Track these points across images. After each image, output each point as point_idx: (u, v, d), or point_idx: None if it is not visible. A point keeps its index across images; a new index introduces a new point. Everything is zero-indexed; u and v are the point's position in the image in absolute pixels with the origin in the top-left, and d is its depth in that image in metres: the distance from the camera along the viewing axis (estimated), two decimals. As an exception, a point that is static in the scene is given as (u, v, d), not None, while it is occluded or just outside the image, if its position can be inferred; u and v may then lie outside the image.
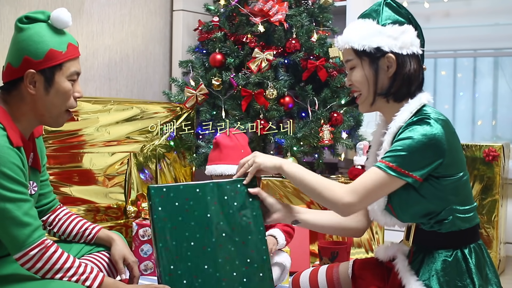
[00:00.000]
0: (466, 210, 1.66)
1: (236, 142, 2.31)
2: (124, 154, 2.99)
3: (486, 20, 3.47)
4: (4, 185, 1.60)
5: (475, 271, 1.63)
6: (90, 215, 2.85)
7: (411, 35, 1.75)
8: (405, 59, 1.72)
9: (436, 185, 1.62)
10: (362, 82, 1.75)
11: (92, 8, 3.24)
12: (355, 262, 1.90)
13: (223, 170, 2.25)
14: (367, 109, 1.79)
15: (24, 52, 1.71)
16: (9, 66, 1.74)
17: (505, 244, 3.10)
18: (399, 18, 1.75)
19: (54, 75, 1.72)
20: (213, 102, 3.26)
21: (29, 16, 1.75)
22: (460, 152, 1.68)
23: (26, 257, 1.62)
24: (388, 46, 1.71)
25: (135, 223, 2.76)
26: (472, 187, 2.85)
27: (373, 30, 1.72)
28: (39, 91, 1.72)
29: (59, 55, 1.72)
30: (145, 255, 2.72)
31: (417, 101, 1.71)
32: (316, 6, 3.20)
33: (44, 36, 1.72)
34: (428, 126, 1.61)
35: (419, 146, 1.59)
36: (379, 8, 1.76)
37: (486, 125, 3.69)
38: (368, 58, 1.73)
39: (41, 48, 1.70)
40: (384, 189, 1.62)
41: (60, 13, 1.74)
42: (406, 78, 1.72)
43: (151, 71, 3.60)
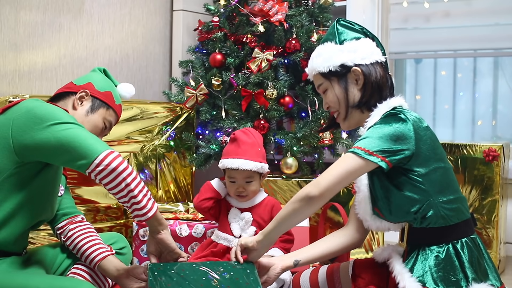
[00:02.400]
0: (449, 201, 1.69)
1: (253, 139, 2.33)
2: (124, 154, 2.99)
3: (486, 20, 3.47)
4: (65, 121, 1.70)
5: (468, 265, 1.65)
6: (90, 215, 2.85)
7: (370, 46, 1.83)
8: (369, 68, 1.80)
9: (411, 176, 1.67)
10: (336, 101, 1.83)
11: (92, 8, 3.24)
12: (355, 262, 1.91)
13: (240, 164, 2.26)
14: (349, 125, 1.87)
15: (91, 79, 2.01)
16: (72, 83, 2.01)
17: (505, 244, 3.10)
18: (355, 34, 1.84)
19: (99, 108, 1.98)
20: (213, 102, 3.26)
21: (107, 72, 2.11)
22: (435, 146, 1.72)
23: (104, 162, 1.64)
24: (351, 60, 1.80)
25: (135, 223, 2.76)
26: (472, 187, 2.85)
27: (333, 50, 1.82)
28: (82, 110, 1.95)
29: (112, 101, 2.02)
30: (145, 255, 2.72)
31: (386, 105, 1.77)
32: (316, 6, 3.20)
33: (110, 85, 2.05)
34: (396, 118, 1.68)
35: (386, 133, 1.65)
36: (334, 30, 1.85)
37: (486, 125, 3.69)
38: (335, 77, 1.82)
39: (106, 86, 2.02)
40: (352, 173, 1.65)
41: (124, 87, 2.12)
42: (376, 86, 1.80)
43: (151, 71, 3.60)
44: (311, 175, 3.10)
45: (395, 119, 1.68)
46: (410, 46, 3.71)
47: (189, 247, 2.74)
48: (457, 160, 2.87)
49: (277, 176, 3.03)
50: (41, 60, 2.99)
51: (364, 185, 1.80)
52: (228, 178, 2.33)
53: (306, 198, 1.66)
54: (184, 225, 2.75)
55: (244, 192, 2.31)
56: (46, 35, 3.01)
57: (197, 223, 2.77)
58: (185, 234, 2.73)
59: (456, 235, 1.70)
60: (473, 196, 2.85)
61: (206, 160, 3.19)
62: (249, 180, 2.30)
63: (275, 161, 3.18)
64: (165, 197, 3.14)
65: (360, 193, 1.82)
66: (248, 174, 2.29)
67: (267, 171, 2.37)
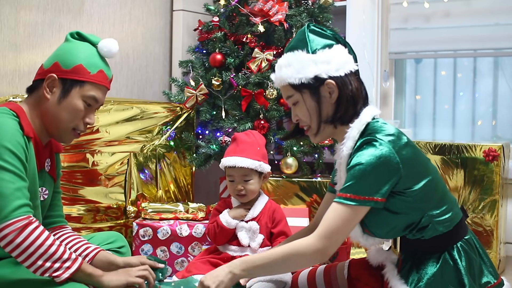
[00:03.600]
0: (443, 212, 1.65)
1: (253, 139, 2.35)
2: (124, 154, 2.99)
3: (486, 20, 3.47)
4: (3, 157, 1.60)
5: (464, 272, 1.63)
6: (90, 215, 2.85)
7: (343, 54, 1.72)
8: (344, 80, 1.69)
9: (405, 198, 1.61)
10: (308, 115, 1.72)
11: (92, 8, 3.24)
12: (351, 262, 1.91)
13: (237, 161, 2.28)
14: (320, 139, 1.76)
15: (57, 58, 1.78)
16: (41, 67, 1.82)
17: (505, 244, 3.10)
18: (327, 41, 1.72)
19: (71, 89, 1.76)
20: (213, 102, 3.26)
21: (81, 34, 1.83)
22: (419, 160, 1.66)
23: (7, 229, 1.56)
24: (324, 72, 1.68)
25: (135, 223, 2.76)
26: (472, 187, 2.85)
27: (305, 60, 1.69)
28: (53, 98, 1.76)
29: (85, 73, 1.77)
30: (145, 255, 2.72)
31: (358, 124, 1.68)
32: (316, 6, 3.20)
33: (81, 52, 1.78)
34: (374, 148, 1.58)
35: (370, 169, 1.56)
36: (304, 36, 1.73)
37: (486, 125, 3.69)
38: (308, 90, 1.70)
39: (73, 60, 1.77)
40: (351, 222, 1.59)
41: (107, 42, 1.83)
42: (350, 99, 1.69)
43: (151, 71, 3.60)
44: (311, 175, 3.10)
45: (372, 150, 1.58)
46: (410, 46, 3.71)
47: (189, 247, 2.75)
48: (457, 160, 2.87)
49: (277, 176, 3.03)
50: (41, 60, 2.98)
51: None
52: (228, 177, 2.35)
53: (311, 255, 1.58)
54: (184, 225, 2.75)
55: (243, 191, 2.31)
56: (46, 35, 3.01)
57: (197, 223, 2.77)
58: (185, 234, 2.74)
59: (451, 241, 1.67)
60: (473, 196, 2.85)
61: (206, 160, 3.19)
62: (247, 179, 2.30)
63: (275, 161, 3.18)
64: (165, 197, 3.14)
65: None
66: (245, 172, 2.29)
67: (269, 172, 2.37)
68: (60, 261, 1.63)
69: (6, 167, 1.60)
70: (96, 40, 1.83)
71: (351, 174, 1.59)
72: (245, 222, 2.32)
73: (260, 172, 2.34)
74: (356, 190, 1.57)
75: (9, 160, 1.60)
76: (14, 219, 1.57)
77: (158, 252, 2.74)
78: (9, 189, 1.58)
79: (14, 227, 1.57)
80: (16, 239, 1.57)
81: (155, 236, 2.74)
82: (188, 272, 2.24)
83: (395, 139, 1.61)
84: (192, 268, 2.26)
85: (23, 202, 1.61)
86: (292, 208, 2.93)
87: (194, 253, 2.72)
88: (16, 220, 1.58)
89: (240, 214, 2.33)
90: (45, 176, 1.85)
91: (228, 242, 2.34)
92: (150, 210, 2.82)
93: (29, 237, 1.59)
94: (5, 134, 1.62)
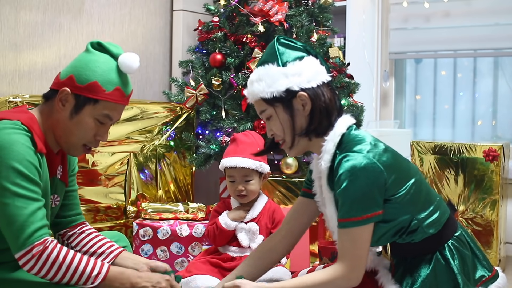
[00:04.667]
0: (431, 212, 1.65)
1: (252, 139, 2.35)
2: (124, 154, 2.99)
3: (486, 20, 3.47)
4: (14, 181, 1.57)
5: (457, 271, 1.63)
6: (90, 215, 2.85)
7: (314, 66, 1.70)
8: (317, 92, 1.67)
9: (393, 205, 1.61)
10: (281, 129, 1.70)
11: (92, 8, 3.24)
12: None
13: (238, 162, 2.28)
14: (296, 152, 1.75)
15: (73, 70, 1.71)
16: (58, 76, 1.75)
17: (505, 244, 3.10)
18: (298, 53, 1.70)
19: (84, 106, 1.70)
20: (213, 102, 3.25)
21: (102, 44, 1.75)
22: (400, 163, 1.66)
23: (25, 257, 1.58)
24: (296, 85, 1.66)
25: (135, 223, 2.76)
26: (472, 187, 2.85)
27: (276, 74, 1.67)
28: (65, 112, 1.71)
29: (100, 91, 1.69)
30: (145, 255, 2.72)
31: (333, 136, 1.66)
32: (316, 6, 3.20)
33: (98, 67, 1.71)
34: (355, 164, 1.57)
35: (360, 187, 1.56)
36: (274, 50, 1.71)
37: (486, 125, 3.69)
38: (280, 103, 1.68)
39: (88, 75, 1.69)
40: (365, 240, 1.60)
41: (128, 57, 1.74)
42: (324, 111, 1.68)
43: (151, 71, 3.60)
44: (311, 175, 3.10)
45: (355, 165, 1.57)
46: (410, 46, 3.71)
47: (189, 247, 2.75)
48: (457, 160, 2.87)
49: (277, 176, 3.03)
50: (41, 60, 2.99)
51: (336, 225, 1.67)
52: (228, 177, 2.34)
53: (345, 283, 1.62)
54: (184, 225, 2.75)
55: (243, 191, 2.31)
56: (46, 35, 3.01)
57: (197, 223, 2.77)
58: (185, 234, 2.74)
59: (441, 241, 1.66)
60: (473, 196, 2.85)
61: (206, 160, 3.19)
62: (248, 179, 2.30)
63: (275, 161, 3.18)
64: (165, 197, 3.14)
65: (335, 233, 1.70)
66: (246, 172, 2.29)
67: (268, 172, 2.37)
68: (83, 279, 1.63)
69: (18, 192, 1.57)
70: (117, 52, 1.75)
71: (344, 197, 1.59)
72: (245, 223, 2.32)
73: (260, 173, 2.34)
74: (356, 212, 1.58)
75: (20, 183, 1.57)
76: (30, 246, 1.57)
77: (158, 252, 2.74)
78: (22, 216, 1.57)
79: (30, 254, 1.57)
80: (36, 265, 1.58)
81: (155, 236, 2.74)
82: (188, 272, 2.24)
83: (372, 147, 1.61)
84: (192, 268, 2.26)
85: (38, 226, 1.59)
86: (292, 208, 2.92)
87: (194, 253, 2.72)
88: (32, 247, 1.57)
89: (239, 215, 2.33)
90: (57, 183, 1.82)
91: (228, 243, 2.34)
92: (150, 210, 2.82)
93: (47, 261, 1.59)
94: (16, 154, 1.58)
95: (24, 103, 2.58)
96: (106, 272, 1.65)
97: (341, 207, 1.61)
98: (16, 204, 1.57)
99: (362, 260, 1.61)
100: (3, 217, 1.57)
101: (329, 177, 1.65)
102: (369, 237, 1.61)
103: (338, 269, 1.62)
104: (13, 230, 1.57)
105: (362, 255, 1.61)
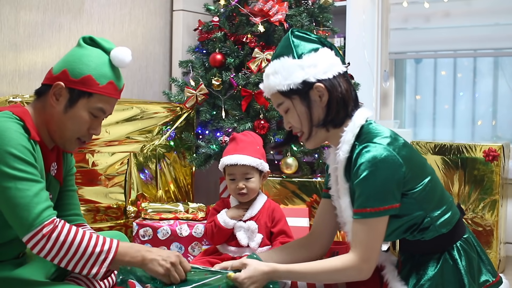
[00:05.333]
0: (443, 212, 1.66)
1: (252, 139, 2.36)
2: (124, 154, 2.99)
3: (486, 20, 3.47)
4: (13, 165, 1.57)
5: (464, 273, 1.63)
6: (90, 215, 2.85)
7: (329, 57, 1.71)
8: (333, 83, 1.68)
9: (408, 200, 1.61)
10: (299, 121, 1.71)
11: (92, 8, 3.24)
12: None
13: (238, 159, 2.28)
14: (314, 144, 1.75)
15: (66, 65, 1.73)
16: (50, 71, 1.77)
17: (505, 244, 3.10)
18: (313, 45, 1.71)
19: (78, 100, 1.72)
20: (213, 102, 3.26)
21: (94, 39, 1.77)
22: (417, 159, 1.66)
23: (35, 238, 1.56)
24: (312, 76, 1.67)
25: (135, 223, 2.77)
26: (472, 187, 2.85)
27: (292, 66, 1.68)
28: (59, 107, 1.72)
29: (94, 84, 1.71)
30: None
31: (352, 127, 1.67)
32: (316, 6, 3.20)
33: (91, 61, 1.72)
34: (375, 154, 1.57)
35: (378, 178, 1.56)
36: (289, 42, 1.71)
37: (486, 125, 3.69)
38: (297, 95, 1.69)
39: (82, 69, 1.71)
40: (380, 232, 1.60)
41: (120, 51, 1.76)
42: (341, 101, 1.68)
43: (151, 71, 3.60)
44: (311, 175, 3.10)
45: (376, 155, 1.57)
46: (410, 46, 3.71)
47: (189, 247, 2.75)
48: (457, 160, 2.87)
49: (277, 176, 3.03)
50: (41, 60, 2.99)
51: (349, 216, 1.68)
52: (228, 176, 2.34)
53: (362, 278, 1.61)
54: (184, 225, 2.75)
55: (244, 189, 2.31)
56: (46, 35, 3.01)
57: (197, 223, 2.77)
58: (185, 234, 2.74)
59: (451, 241, 1.67)
60: (473, 196, 2.85)
61: (206, 160, 3.19)
62: (248, 177, 2.30)
63: (275, 161, 3.18)
64: (165, 197, 3.14)
65: (347, 224, 1.71)
66: (246, 170, 2.29)
67: (268, 171, 2.37)
68: (94, 256, 1.61)
69: (18, 175, 1.57)
70: (109, 47, 1.77)
71: (362, 187, 1.58)
72: (243, 221, 2.32)
73: (260, 171, 2.34)
74: (373, 203, 1.57)
75: (18, 167, 1.57)
76: (39, 227, 1.56)
77: (158, 252, 2.74)
78: (27, 197, 1.56)
79: (40, 235, 1.56)
80: (46, 246, 1.57)
81: (155, 236, 2.74)
82: (188, 272, 2.24)
83: (392, 140, 1.61)
84: (192, 268, 2.26)
85: (44, 206, 1.58)
86: (292, 208, 2.93)
87: (194, 253, 2.72)
88: (41, 227, 1.57)
89: (238, 214, 2.33)
90: (51, 180, 1.82)
91: (226, 243, 2.34)
92: (150, 210, 2.82)
93: (57, 241, 1.57)
94: (9, 140, 1.59)
95: (24, 103, 2.58)
96: (116, 247, 1.64)
97: (358, 197, 1.60)
98: (18, 186, 1.56)
99: (375, 252, 1.61)
100: (5, 202, 1.57)
101: (346, 168, 1.66)
102: (384, 229, 1.60)
103: (350, 259, 1.61)
104: (19, 213, 1.56)
105: (376, 247, 1.60)
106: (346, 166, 1.66)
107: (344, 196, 1.69)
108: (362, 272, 1.61)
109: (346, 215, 1.69)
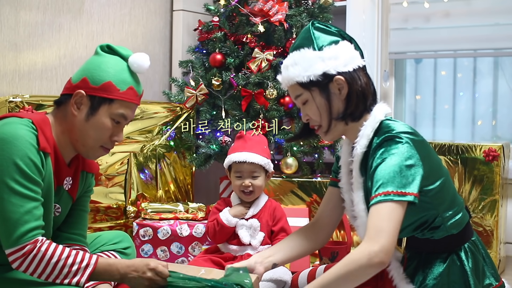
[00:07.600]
0: (455, 213, 1.65)
1: (258, 138, 2.39)
2: (124, 154, 2.99)
3: (486, 20, 3.47)
4: (14, 178, 1.57)
5: (470, 274, 1.62)
6: (90, 215, 2.85)
7: (350, 50, 1.70)
8: (353, 76, 1.67)
9: (422, 197, 1.58)
10: (318, 113, 1.69)
11: (92, 8, 3.24)
12: None
13: (247, 156, 2.29)
14: (332, 137, 1.73)
15: (86, 73, 1.74)
16: (69, 81, 1.77)
17: (505, 244, 3.10)
18: (333, 38, 1.70)
19: (100, 107, 1.72)
20: (213, 102, 3.26)
21: (111, 47, 1.78)
22: (434, 157, 1.65)
23: (15, 255, 1.57)
24: (333, 68, 1.66)
25: (135, 223, 2.77)
26: (472, 187, 2.85)
27: (312, 58, 1.67)
28: (81, 115, 1.73)
29: (114, 90, 1.72)
30: (145, 255, 2.73)
31: (372, 121, 1.65)
32: (316, 6, 3.20)
33: (111, 68, 1.73)
34: (398, 144, 1.56)
35: (401, 164, 1.53)
36: (310, 34, 1.70)
37: (486, 125, 3.69)
38: (317, 87, 1.67)
39: (102, 76, 1.72)
40: (397, 219, 1.51)
41: (139, 57, 1.77)
42: (360, 95, 1.67)
43: (151, 71, 3.60)
44: (311, 175, 3.10)
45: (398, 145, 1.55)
46: (410, 46, 3.71)
47: (189, 247, 2.75)
48: (457, 160, 2.87)
49: (277, 176, 3.03)
50: (41, 60, 2.99)
51: (361, 210, 1.65)
52: (235, 173, 2.34)
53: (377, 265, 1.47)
54: (184, 225, 2.75)
55: (250, 187, 2.31)
56: (46, 35, 3.01)
57: (198, 223, 2.77)
58: (185, 234, 2.74)
59: (460, 242, 1.66)
60: (473, 196, 2.85)
61: (206, 160, 3.19)
62: (255, 175, 2.31)
63: (275, 161, 3.18)
64: (165, 197, 3.14)
65: (359, 218, 1.67)
66: (254, 168, 2.30)
67: (272, 171, 2.39)
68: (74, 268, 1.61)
69: (15, 189, 1.57)
70: (126, 54, 1.78)
71: (383, 172, 1.54)
72: (246, 220, 2.33)
73: (266, 171, 2.35)
74: (393, 186, 1.52)
75: (19, 180, 1.57)
76: (21, 245, 1.57)
77: (158, 252, 2.74)
78: (17, 213, 1.57)
79: (21, 253, 1.57)
80: (23, 264, 1.58)
81: (155, 236, 2.74)
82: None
83: (412, 135, 1.60)
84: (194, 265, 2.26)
85: (32, 226, 1.58)
86: (292, 208, 2.93)
87: (194, 253, 2.72)
88: (23, 245, 1.57)
89: (240, 212, 2.33)
90: (62, 193, 1.81)
91: (228, 241, 2.34)
92: (150, 210, 2.82)
93: (34, 260, 1.58)
94: (18, 150, 1.58)
95: (24, 103, 2.58)
96: (95, 263, 1.64)
97: (376, 182, 1.55)
98: (12, 200, 1.57)
99: (392, 239, 1.50)
100: None
101: (362, 163, 1.64)
102: (401, 218, 1.52)
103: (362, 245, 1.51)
104: (7, 226, 1.57)
105: (394, 234, 1.50)
106: (362, 161, 1.65)
107: (357, 190, 1.67)
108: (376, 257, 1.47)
109: (359, 209, 1.65)
